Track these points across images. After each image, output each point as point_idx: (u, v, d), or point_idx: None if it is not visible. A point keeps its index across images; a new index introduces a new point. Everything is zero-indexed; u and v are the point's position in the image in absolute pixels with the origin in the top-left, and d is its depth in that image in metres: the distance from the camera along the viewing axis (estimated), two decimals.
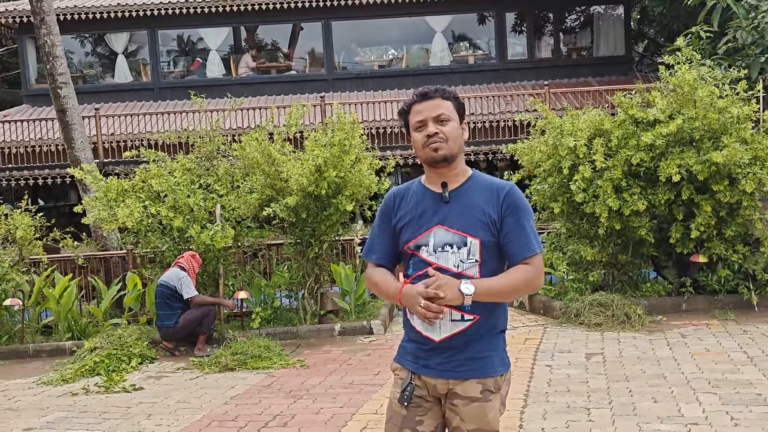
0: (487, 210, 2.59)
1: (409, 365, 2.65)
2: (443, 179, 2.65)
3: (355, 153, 8.26)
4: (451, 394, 2.60)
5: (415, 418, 2.63)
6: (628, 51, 18.83)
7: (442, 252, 2.58)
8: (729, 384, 5.66)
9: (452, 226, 2.60)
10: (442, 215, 2.62)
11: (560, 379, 6.08)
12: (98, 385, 6.73)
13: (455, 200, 2.63)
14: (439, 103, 2.63)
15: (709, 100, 7.87)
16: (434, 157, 2.60)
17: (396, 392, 2.67)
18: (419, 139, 2.64)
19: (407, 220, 2.67)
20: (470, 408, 2.57)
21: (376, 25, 18.63)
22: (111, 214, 8.32)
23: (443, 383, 2.60)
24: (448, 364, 2.58)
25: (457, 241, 2.58)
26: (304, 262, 8.73)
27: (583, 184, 8.14)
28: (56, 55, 9.98)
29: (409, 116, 2.70)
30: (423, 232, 2.62)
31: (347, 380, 6.47)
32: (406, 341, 2.72)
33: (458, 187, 2.65)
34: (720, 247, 8.18)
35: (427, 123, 2.62)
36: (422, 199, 2.67)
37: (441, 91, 2.66)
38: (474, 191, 2.64)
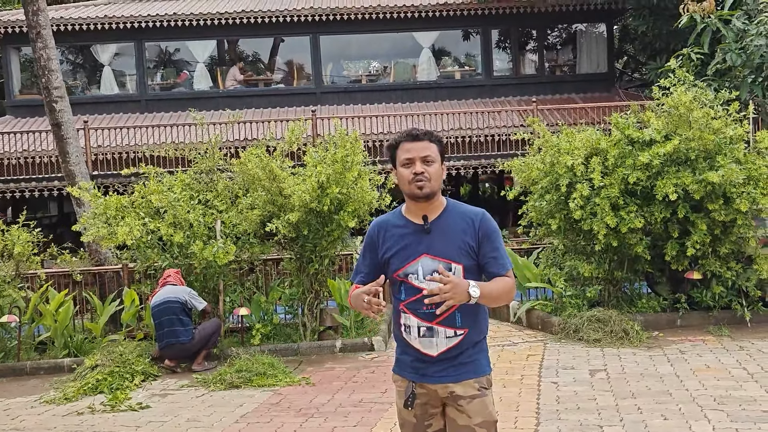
0: (465, 238, 2.96)
1: (410, 376, 2.99)
2: (424, 212, 2.98)
3: (357, 169, 8.32)
4: (453, 397, 2.94)
5: (424, 423, 2.99)
6: (611, 68, 19.16)
7: (432, 278, 2.83)
8: (734, 401, 5.79)
9: (437, 254, 2.93)
10: (425, 245, 2.95)
11: (568, 396, 6.17)
12: (104, 404, 6.68)
13: (436, 230, 2.96)
14: (427, 145, 2.94)
15: (705, 121, 8.07)
16: (418, 195, 2.93)
17: (401, 403, 3.02)
18: (406, 174, 2.94)
19: (394, 251, 2.99)
20: (474, 404, 2.94)
21: (363, 39, 18.77)
22: (110, 232, 8.27)
23: (443, 387, 2.94)
24: (446, 371, 2.93)
25: (444, 267, 2.87)
26: (304, 278, 8.75)
27: (581, 202, 8.28)
28: (52, 69, 9.93)
29: (397, 151, 2.99)
30: (410, 261, 2.95)
31: (356, 398, 6.50)
32: (401, 354, 3.06)
33: (437, 218, 2.98)
34: (714, 264, 8.35)
35: (415, 162, 2.92)
36: (405, 230, 3.00)
37: (429, 134, 2.97)
38: (451, 221, 2.98)
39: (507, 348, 8.10)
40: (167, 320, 7.79)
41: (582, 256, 8.95)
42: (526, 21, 18.52)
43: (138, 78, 17.99)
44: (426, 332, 2.93)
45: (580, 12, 17.93)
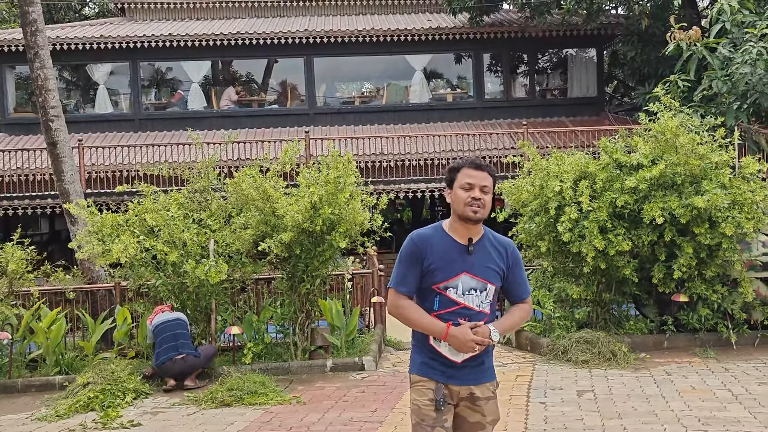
0: (499, 263, 3.37)
1: (438, 377, 3.33)
2: (470, 234, 3.34)
3: (349, 190, 8.44)
4: (471, 397, 3.35)
5: (442, 418, 3.32)
6: (600, 92, 19.44)
7: (468, 295, 3.30)
8: (718, 422, 5.89)
9: (476, 274, 3.32)
10: (467, 264, 3.32)
11: (556, 416, 6.25)
12: (95, 422, 6.71)
13: (476, 252, 3.34)
14: (486, 176, 3.32)
15: (690, 147, 8.25)
16: (472, 217, 3.28)
17: (424, 400, 3.33)
18: (464, 197, 3.29)
19: (439, 264, 3.31)
20: (489, 404, 3.38)
21: (357, 61, 18.98)
22: (105, 250, 8.34)
23: (466, 389, 3.34)
24: (470, 375, 3.34)
25: (480, 286, 3.32)
26: (296, 298, 8.83)
27: (570, 225, 8.42)
28: (49, 89, 10.03)
29: (458, 174, 3.34)
30: (453, 277, 3.30)
31: (346, 417, 6.56)
32: (428, 359, 3.37)
33: (477, 241, 3.35)
34: (700, 287, 8.49)
35: (474, 188, 3.29)
36: (450, 247, 3.33)
37: (489, 168, 3.36)
38: (488, 247, 3.38)
39: (497, 369, 8.15)
40: (173, 335, 7.98)
41: (571, 278, 9.07)
42: (517, 45, 18.79)
43: (132, 97, 18.12)
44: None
45: (570, 37, 18.20)
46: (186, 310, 8.71)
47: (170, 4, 19.38)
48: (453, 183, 3.33)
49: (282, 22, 18.85)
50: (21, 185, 14.71)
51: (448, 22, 18.46)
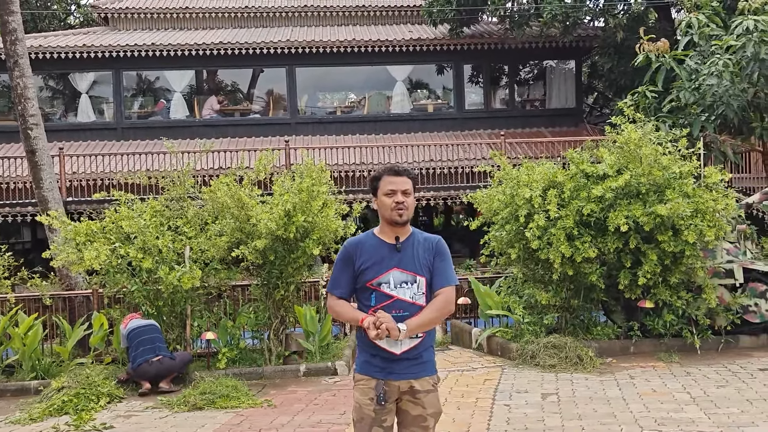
0: (426, 256, 3.61)
1: (377, 375, 3.52)
2: (397, 234, 3.61)
3: (322, 198, 8.61)
4: (411, 391, 3.53)
5: (381, 417, 3.52)
6: (579, 103, 19.75)
7: (400, 288, 3.55)
8: (674, 422, 6.09)
9: (405, 268, 3.57)
10: (397, 260, 3.58)
11: (518, 417, 6.43)
12: (68, 424, 6.82)
13: (404, 250, 3.60)
14: (406, 180, 3.57)
15: (653, 158, 8.48)
16: (398, 220, 3.56)
17: (365, 399, 3.52)
18: (389, 203, 3.55)
19: (370, 263, 3.57)
20: (429, 397, 3.56)
21: (338, 72, 19.21)
22: (79, 257, 8.46)
23: (405, 383, 3.53)
24: (409, 369, 3.53)
25: (410, 279, 3.57)
26: (270, 304, 8.97)
27: (538, 232, 8.62)
28: (28, 97, 10.17)
29: (380, 183, 3.60)
30: (384, 273, 3.56)
31: (315, 419, 6.71)
32: (368, 357, 3.56)
33: (405, 239, 3.62)
34: (665, 293, 8.70)
35: (396, 193, 3.54)
36: (379, 247, 3.60)
37: (408, 171, 3.61)
38: (417, 243, 3.64)
39: (466, 373, 8.36)
40: (150, 339, 8.12)
41: (540, 285, 9.27)
42: (497, 57, 19.09)
43: (115, 106, 18.25)
44: None
45: (549, 49, 18.52)
46: (161, 316, 8.85)
47: (153, 13, 19.54)
48: (377, 191, 3.59)
49: (265, 32, 19.06)
50: (1, 193, 14.79)
51: (429, 33, 18.74)
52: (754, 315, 9.00)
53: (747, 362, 8.28)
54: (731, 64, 10.19)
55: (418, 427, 3.57)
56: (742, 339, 9.09)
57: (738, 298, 8.95)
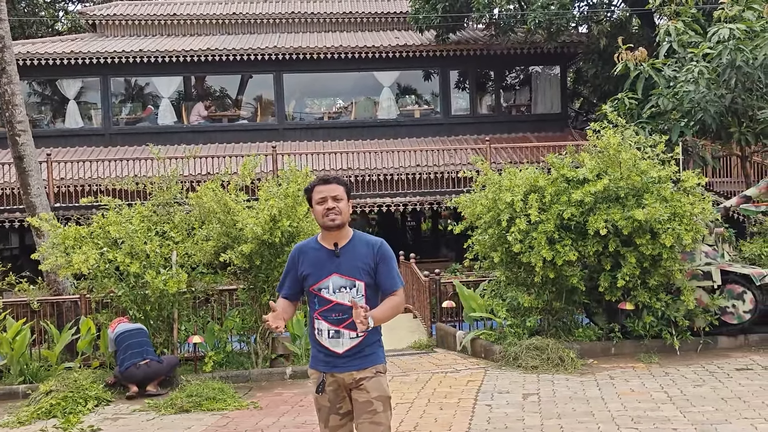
0: (367, 261, 3.74)
1: (322, 368, 3.75)
2: (335, 240, 3.73)
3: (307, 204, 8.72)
4: (355, 381, 3.72)
5: (336, 405, 3.77)
6: (564, 109, 19.97)
7: (339, 292, 3.70)
8: (649, 420, 6.25)
9: (344, 274, 3.71)
10: (335, 266, 3.72)
11: (499, 417, 6.57)
12: (56, 427, 6.91)
13: (344, 254, 3.73)
14: (335, 187, 3.73)
15: (632, 162, 8.67)
16: (331, 225, 3.71)
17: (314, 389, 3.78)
18: (321, 210, 3.72)
19: (310, 270, 3.74)
20: (372, 382, 3.73)
21: (326, 78, 19.37)
22: (67, 260, 8.55)
23: (349, 375, 3.72)
24: (351, 362, 3.72)
25: (348, 284, 3.71)
26: (257, 308, 9.08)
27: (520, 236, 8.78)
28: (16, 104, 10.25)
29: (312, 194, 3.79)
30: (323, 279, 3.72)
31: (299, 420, 6.83)
32: (316, 352, 3.80)
33: (346, 244, 3.75)
34: (644, 296, 8.88)
35: (327, 200, 3.70)
36: (319, 254, 3.77)
37: (337, 179, 3.79)
38: (357, 247, 3.76)
39: (449, 374, 8.50)
40: (138, 342, 8.23)
41: (522, 288, 9.43)
42: (483, 62, 19.28)
43: (103, 112, 18.32)
44: (334, 334, 3.72)
45: (535, 55, 18.74)
46: (149, 320, 8.94)
47: (141, 20, 19.64)
48: (311, 202, 3.79)
49: (252, 38, 19.19)
50: None
51: (415, 39, 18.92)
52: (732, 316, 9.19)
53: (725, 362, 8.46)
54: (707, 72, 10.40)
55: (367, 413, 3.71)
56: (721, 340, 9.27)
57: (716, 300, 9.13)
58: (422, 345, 10.45)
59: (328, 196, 3.70)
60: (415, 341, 10.66)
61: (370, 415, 3.71)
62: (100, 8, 20.44)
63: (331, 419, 3.77)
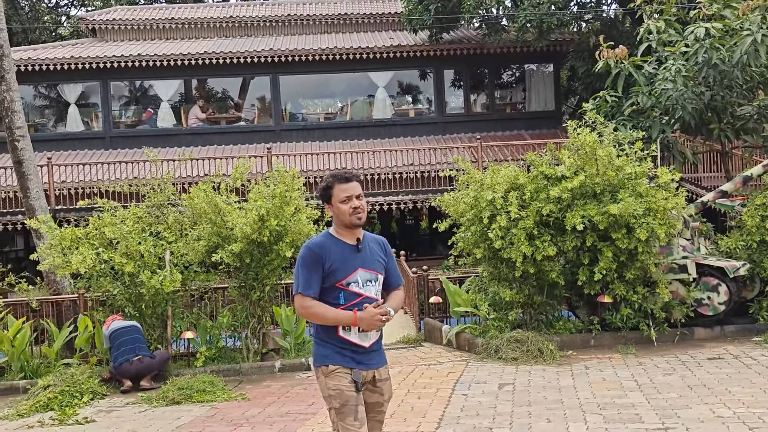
0: (381, 255, 3.97)
1: (350, 364, 3.79)
2: (356, 236, 3.87)
3: (295, 204, 9.07)
4: (373, 380, 3.87)
5: (360, 397, 3.83)
6: (558, 106, 20.21)
7: (366, 286, 3.85)
8: (614, 406, 6.54)
9: (368, 267, 3.87)
10: (360, 260, 3.85)
11: (472, 405, 6.88)
12: (52, 419, 7.27)
13: (364, 249, 3.88)
14: (356, 185, 3.84)
15: (608, 159, 8.95)
16: (357, 223, 3.83)
17: (345, 383, 3.77)
18: (346, 209, 3.79)
19: (338, 264, 3.81)
20: (387, 385, 3.94)
21: (322, 79, 19.70)
22: (65, 261, 8.90)
23: (371, 373, 3.86)
24: (374, 360, 3.87)
25: (373, 277, 3.88)
26: (248, 304, 9.42)
27: (501, 233, 9.08)
28: (15, 110, 10.61)
29: (333, 191, 3.82)
30: (351, 273, 3.82)
31: (284, 410, 7.16)
32: (339, 348, 3.81)
33: (362, 240, 3.89)
34: (621, 289, 9.16)
35: (352, 198, 3.80)
36: (344, 249, 3.84)
37: (357, 176, 3.88)
38: (371, 243, 3.96)
39: (432, 366, 8.81)
40: (131, 339, 8.58)
41: (504, 283, 9.72)
42: (477, 62, 19.54)
43: (103, 116, 18.68)
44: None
45: (527, 53, 18.97)
46: (143, 318, 9.28)
47: (140, 25, 20.00)
48: (331, 199, 3.82)
49: (249, 41, 19.52)
50: None
51: (409, 40, 19.20)
52: (708, 308, 9.47)
53: (698, 352, 8.74)
54: (684, 69, 10.66)
55: (376, 413, 3.88)
56: (697, 331, 9.55)
57: (692, 292, 9.41)
58: (411, 340, 10.76)
59: (353, 195, 3.78)
60: (404, 336, 10.98)
61: (378, 415, 3.91)
62: (99, 13, 20.82)
63: (359, 410, 3.77)
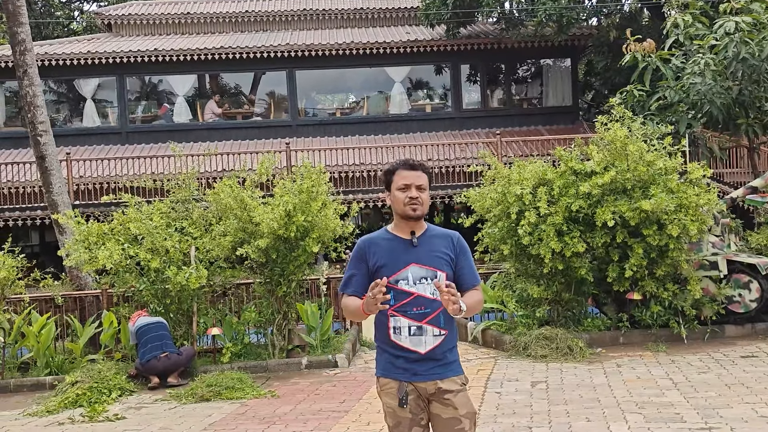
0: (447, 251, 3.47)
1: (401, 377, 3.37)
2: (411, 229, 3.46)
3: (321, 199, 8.99)
4: (439, 392, 3.35)
5: (418, 417, 3.38)
6: (575, 101, 20.05)
7: (420, 284, 3.38)
8: (653, 405, 6.44)
9: (424, 263, 3.41)
10: (414, 256, 3.42)
11: (507, 403, 6.79)
12: (83, 415, 7.21)
13: (421, 244, 3.45)
14: (421, 175, 3.45)
15: (639, 155, 8.84)
16: (412, 216, 3.43)
17: (394, 402, 3.37)
18: (402, 198, 3.42)
19: (386, 261, 3.42)
20: (459, 397, 3.37)
21: (338, 74, 19.59)
22: (91, 257, 8.85)
23: (432, 384, 3.35)
24: (434, 370, 3.35)
25: (430, 274, 3.39)
26: (273, 300, 9.35)
27: (529, 228, 8.98)
28: (37, 105, 10.56)
29: (394, 177, 3.47)
30: (400, 270, 3.40)
31: (316, 408, 7.09)
32: (391, 358, 3.41)
33: (422, 234, 3.48)
34: (652, 286, 9.05)
35: (411, 187, 3.42)
36: (393, 243, 3.47)
37: (422, 166, 3.50)
38: (434, 237, 3.50)
39: None
40: (158, 336, 8.53)
41: (532, 279, 9.62)
42: (494, 56, 19.41)
43: (119, 111, 18.64)
44: (416, 331, 3.36)
45: (545, 48, 18.80)
46: (169, 314, 9.23)
47: (155, 20, 19.94)
48: (390, 185, 3.47)
49: (265, 36, 19.44)
50: (11, 198, 15.21)
51: (426, 34, 19.09)
52: (739, 305, 9.35)
53: (731, 350, 8.63)
54: (713, 63, 10.52)
55: (454, 430, 3.35)
56: (728, 329, 9.44)
57: (723, 289, 9.29)
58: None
59: (412, 184, 3.40)
60: None
61: None
62: (115, 8, 20.76)
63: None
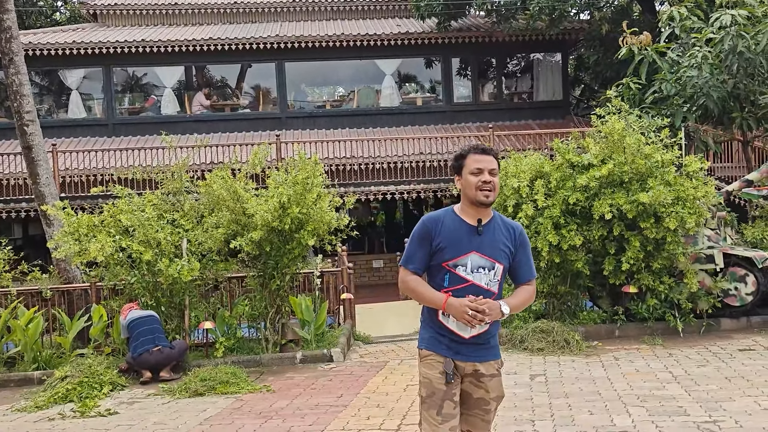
0: (508, 244, 3.51)
1: (445, 352, 3.47)
2: (479, 216, 3.47)
3: (316, 191, 8.85)
4: (476, 374, 3.50)
5: (451, 391, 3.47)
6: (566, 96, 20.00)
7: (477, 273, 3.43)
8: (655, 399, 6.39)
9: (485, 254, 3.44)
10: (476, 244, 3.45)
11: (508, 396, 6.65)
12: (74, 411, 7.05)
13: (486, 233, 3.47)
14: (493, 160, 3.48)
15: (636, 147, 8.78)
16: (485, 202, 3.43)
17: (435, 374, 3.48)
18: (475, 182, 3.42)
19: (449, 243, 3.45)
20: (493, 382, 3.55)
21: (327, 66, 19.39)
22: (82, 248, 8.66)
23: (470, 365, 3.49)
24: (475, 352, 3.49)
25: (488, 265, 3.44)
26: (267, 294, 9.21)
27: (526, 221, 8.91)
28: (24, 94, 10.32)
29: (465, 161, 3.47)
30: (462, 255, 3.43)
31: (313, 402, 6.97)
32: (436, 334, 3.51)
33: (487, 223, 3.49)
34: (648, 279, 9.01)
35: (484, 172, 3.43)
36: (459, 228, 3.47)
37: (494, 151, 3.54)
38: (498, 228, 3.52)
39: None
40: (150, 329, 8.36)
41: None
42: (485, 50, 19.29)
43: (105, 102, 18.35)
44: None
45: (536, 42, 18.73)
46: (160, 307, 9.07)
47: (142, 10, 19.65)
48: (462, 170, 3.46)
49: (254, 27, 19.20)
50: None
51: (417, 27, 18.94)
52: (734, 299, 9.34)
53: (727, 343, 8.60)
54: (710, 57, 10.48)
55: (480, 410, 3.54)
56: (724, 322, 9.42)
57: (719, 283, 9.27)
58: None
59: (485, 169, 3.41)
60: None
61: (483, 413, 3.56)
62: None
63: (446, 406, 3.45)
